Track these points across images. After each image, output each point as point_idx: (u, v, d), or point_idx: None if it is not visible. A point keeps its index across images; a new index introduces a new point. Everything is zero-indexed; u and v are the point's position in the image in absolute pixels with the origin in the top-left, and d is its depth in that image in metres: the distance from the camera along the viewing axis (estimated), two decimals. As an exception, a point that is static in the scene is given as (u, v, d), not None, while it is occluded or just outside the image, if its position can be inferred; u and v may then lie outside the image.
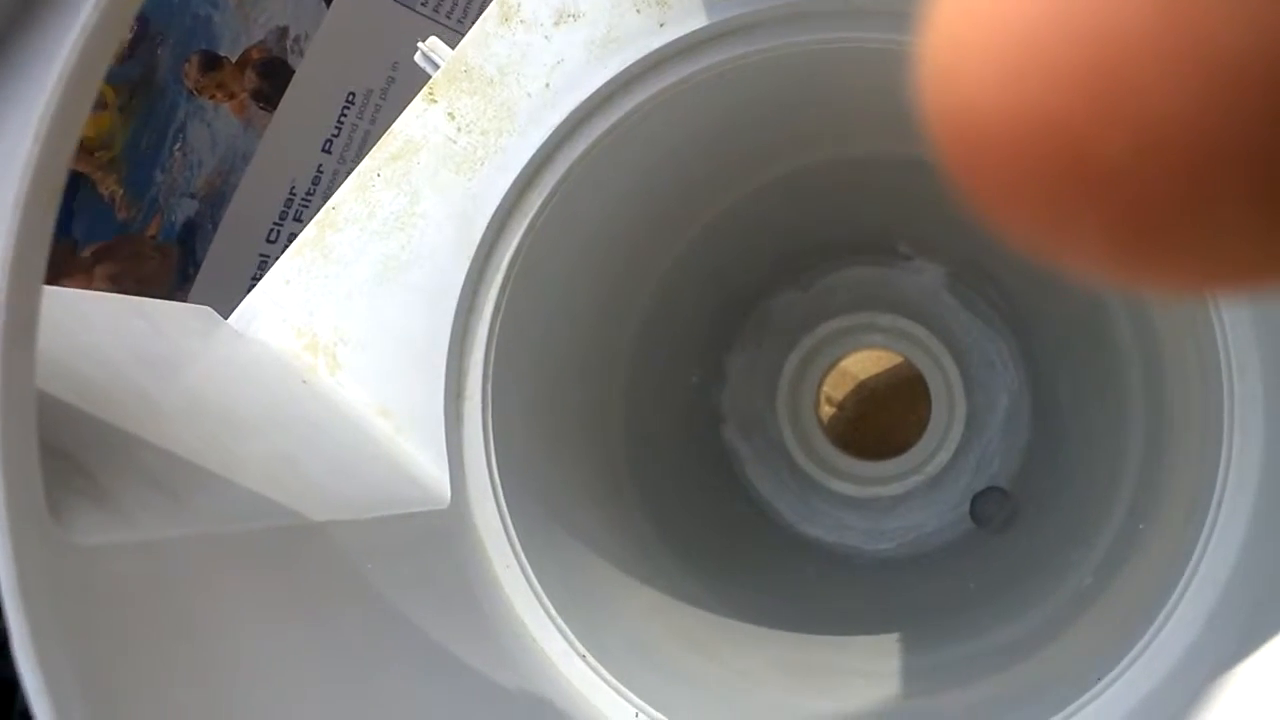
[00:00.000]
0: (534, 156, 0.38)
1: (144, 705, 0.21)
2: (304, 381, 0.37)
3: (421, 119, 0.39)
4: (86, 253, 0.76)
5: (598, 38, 0.38)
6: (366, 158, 0.39)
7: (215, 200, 0.83)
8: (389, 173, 0.39)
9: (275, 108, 0.84)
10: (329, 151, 0.87)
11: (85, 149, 0.74)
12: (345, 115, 0.87)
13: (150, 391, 0.29)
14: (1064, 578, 0.52)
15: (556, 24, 0.38)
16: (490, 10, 0.39)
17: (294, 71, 0.84)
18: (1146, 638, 0.34)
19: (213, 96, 0.80)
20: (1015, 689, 0.40)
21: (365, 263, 0.39)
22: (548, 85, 0.38)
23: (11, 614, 0.18)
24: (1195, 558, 0.33)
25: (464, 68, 0.38)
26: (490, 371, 0.40)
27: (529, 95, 0.38)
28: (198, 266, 0.84)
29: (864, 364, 0.93)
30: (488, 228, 0.38)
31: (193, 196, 0.82)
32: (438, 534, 0.36)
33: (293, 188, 0.87)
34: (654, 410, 0.72)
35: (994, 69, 0.07)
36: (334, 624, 0.29)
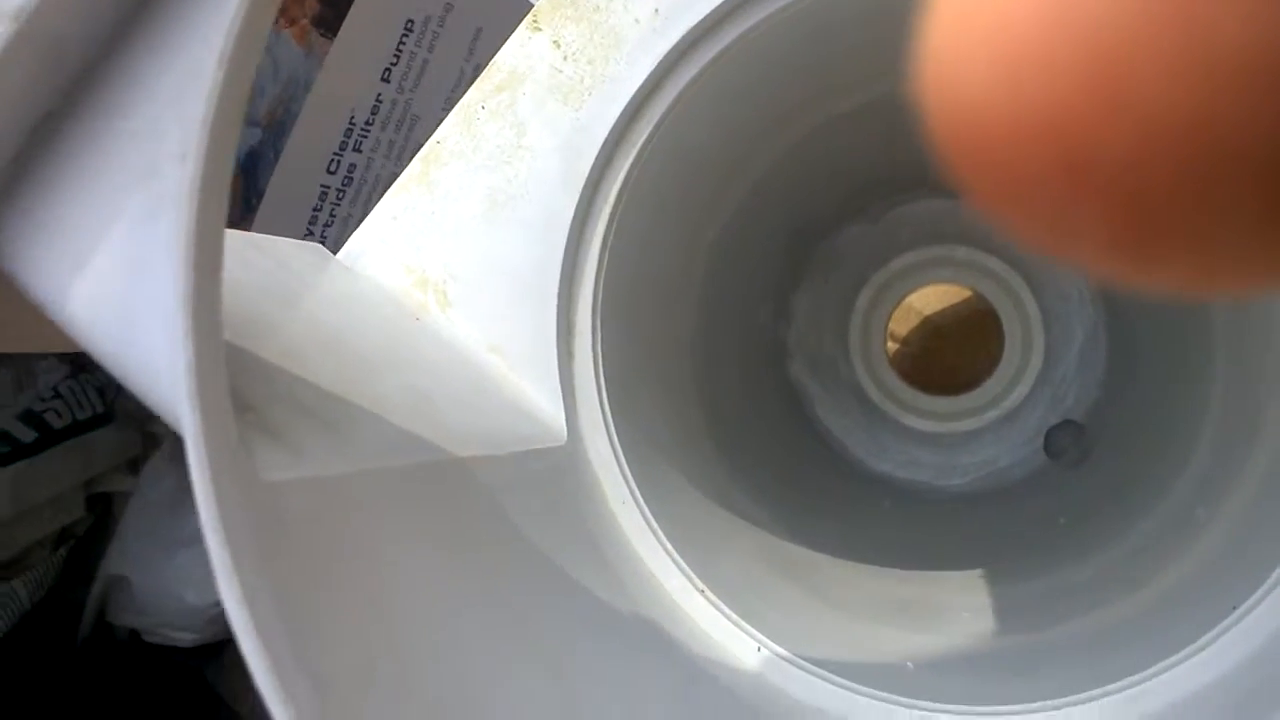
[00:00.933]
0: (642, 86, 0.37)
1: (332, 630, 0.21)
2: (416, 319, 0.37)
3: (525, 48, 0.38)
4: None
5: (709, -41, 0.36)
6: (471, 89, 0.38)
7: (277, 129, 0.83)
8: (494, 104, 0.38)
9: (336, 35, 0.83)
10: (388, 80, 0.86)
11: None
12: (404, 43, 0.85)
13: (287, 327, 0.29)
14: (1150, 510, 0.52)
15: (665, -54, 0.37)
16: (594, -67, 0.37)
17: None
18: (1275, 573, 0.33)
19: (275, 23, 0.79)
20: (1136, 620, 0.40)
21: (472, 198, 0.38)
22: (657, 11, 0.37)
23: (214, 548, 0.18)
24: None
25: (570, -7, 0.37)
26: (599, 306, 0.39)
27: (637, 21, 0.37)
28: (260, 196, 0.84)
29: (929, 300, 0.92)
30: (596, 159, 0.37)
31: (256, 125, 0.81)
32: (559, 469, 0.36)
33: (352, 118, 0.86)
34: (725, 346, 0.71)
35: (994, 67, 0.07)
36: (483, 555, 0.29)
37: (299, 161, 0.86)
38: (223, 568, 0.18)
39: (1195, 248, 0.07)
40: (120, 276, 0.18)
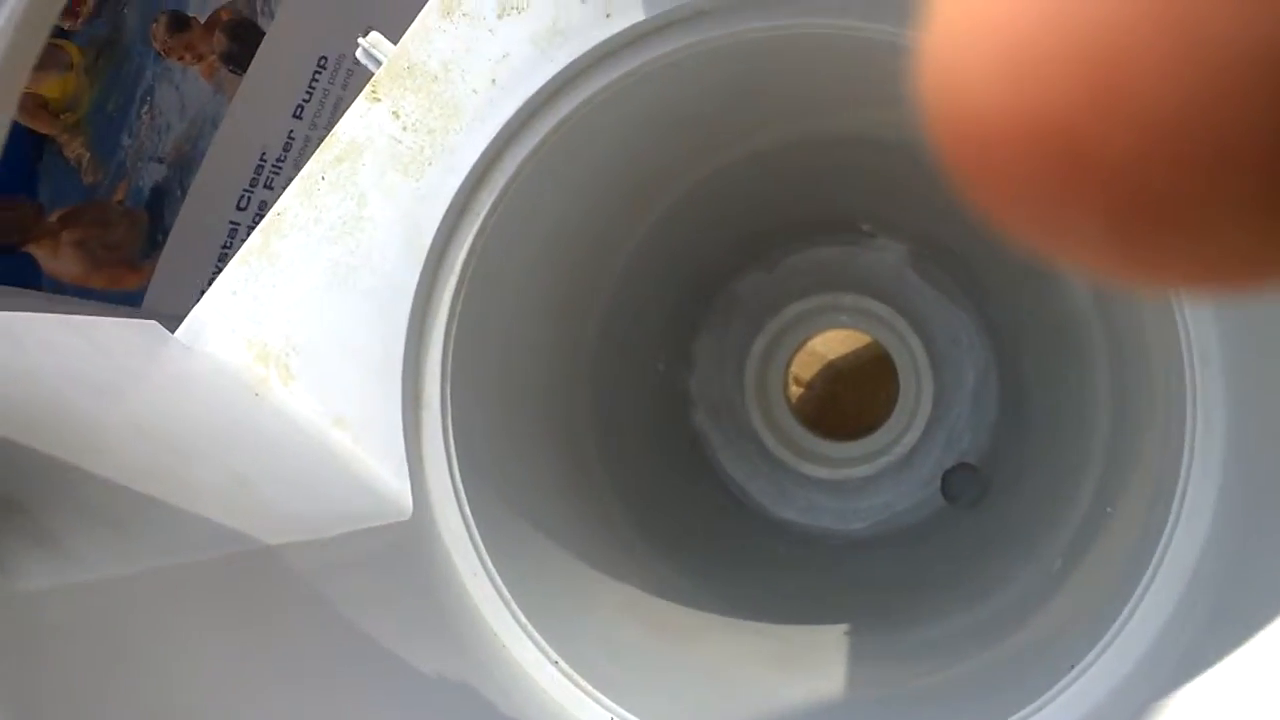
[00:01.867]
0: (482, 155, 0.37)
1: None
2: (256, 395, 0.36)
3: (365, 119, 0.38)
4: (53, 217, 0.74)
5: (543, 30, 0.37)
6: (310, 160, 0.38)
7: (184, 166, 0.82)
8: (334, 175, 0.38)
9: (245, 71, 0.82)
10: (300, 117, 0.85)
11: (51, 111, 0.72)
12: (317, 79, 0.85)
13: (93, 417, 0.28)
14: (1032, 559, 0.52)
15: (500, 16, 0.37)
16: (431, 3, 0.37)
17: (264, 34, 0.82)
18: (1118, 624, 0.33)
19: (181, 58, 0.78)
20: (989, 674, 0.40)
21: (314, 269, 0.38)
22: (494, 81, 0.37)
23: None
24: (1162, 545, 0.32)
25: (407, 64, 0.37)
26: (449, 375, 0.39)
27: (475, 92, 0.37)
28: (166, 233, 0.82)
29: (832, 344, 0.93)
30: (438, 230, 0.37)
31: (161, 161, 0.80)
32: (401, 546, 0.36)
33: (263, 154, 0.85)
34: (622, 400, 0.71)
35: (994, 68, 0.07)
36: (293, 648, 0.28)
37: (207, 198, 0.84)
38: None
39: (1195, 246, 0.07)
40: None
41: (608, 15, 0.37)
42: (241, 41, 0.82)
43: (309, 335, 0.37)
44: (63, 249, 0.76)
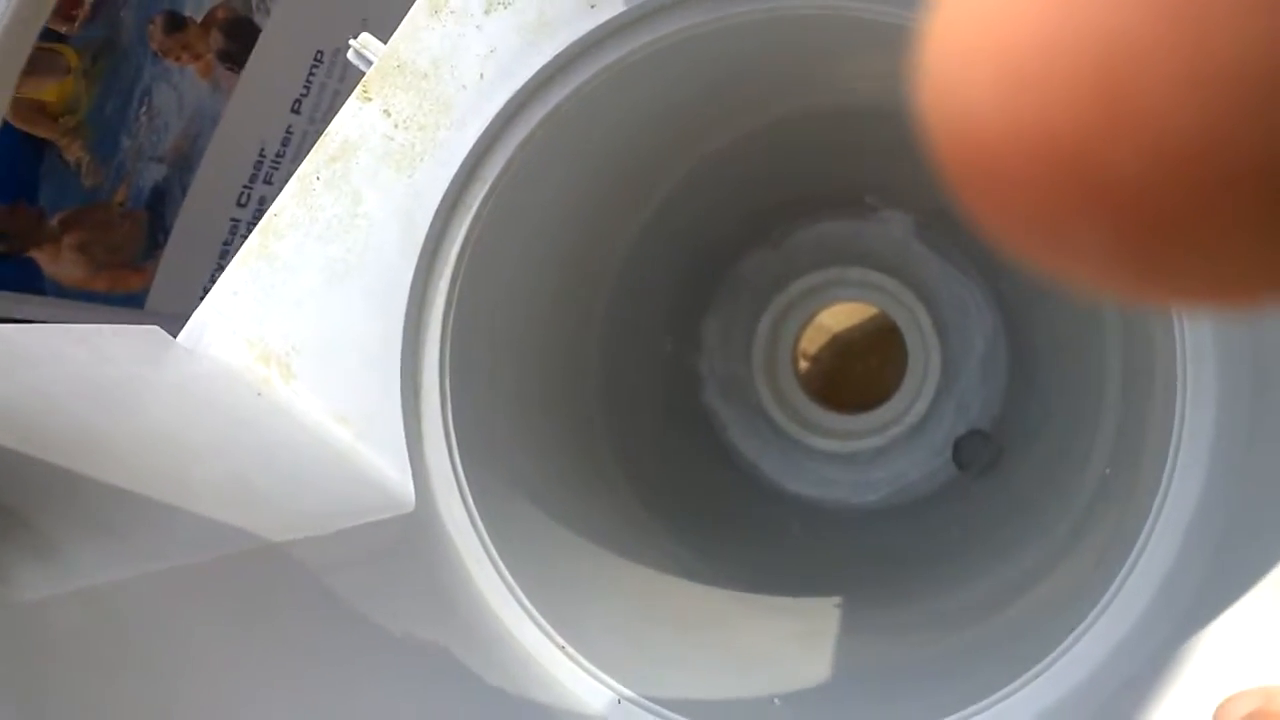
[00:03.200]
0: (473, 149, 0.37)
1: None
2: (258, 395, 0.37)
3: (357, 118, 0.38)
4: (54, 221, 0.75)
5: (529, 23, 0.37)
6: (305, 160, 0.38)
7: (183, 165, 0.82)
8: (328, 175, 0.38)
9: (242, 68, 0.82)
10: (298, 112, 0.86)
11: (49, 114, 0.73)
12: (314, 74, 0.85)
13: (94, 425, 0.29)
14: (1042, 525, 0.53)
15: (487, 12, 0.37)
16: (420, 2, 0.38)
17: (260, 31, 0.82)
18: (1115, 585, 0.34)
19: (178, 58, 0.79)
20: (994, 639, 0.40)
21: (311, 268, 0.38)
22: (482, 76, 0.37)
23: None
24: (1156, 505, 0.33)
25: (396, 63, 0.37)
26: (447, 367, 0.39)
27: (464, 87, 0.37)
28: (168, 233, 0.83)
29: (839, 318, 0.93)
30: (432, 224, 0.38)
31: (160, 161, 0.80)
32: (405, 538, 0.36)
33: (262, 149, 0.86)
34: (631, 382, 0.72)
35: (996, 85, 0.07)
36: (301, 644, 0.29)
37: (208, 196, 0.85)
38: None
39: (1202, 262, 0.07)
40: None
41: (592, 6, 0.37)
42: (238, 39, 0.83)
43: (309, 334, 0.38)
44: (64, 253, 0.77)
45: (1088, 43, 0.06)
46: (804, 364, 0.92)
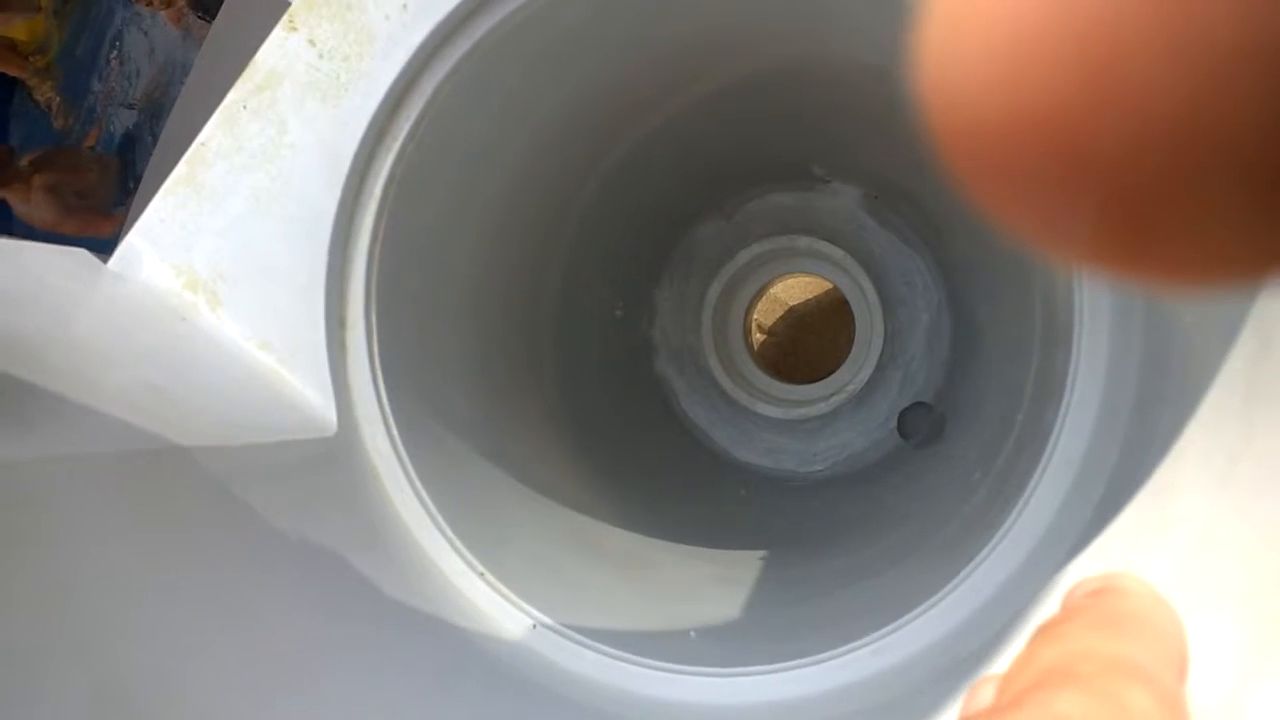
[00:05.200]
0: (397, 79, 0.38)
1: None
2: (183, 319, 0.38)
3: (283, 48, 0.38)
4: (24, 161, 0.75)
5: (455, -45, 0.37)
6: (231, 90, 0.39)
7: (155, 112, 0.82)
8: (255, 104, 0.38)
9: (214, 17, 0.82)
10: None
11: (20, 53, 0.73)
12: None
13: (13, 330, 0.29)
14: (969, 482, 0.54)
15: (413, -56, 0.38)
16: (348, -66, 0.38)
17: None
18: (1012, 515, 0.35)
19: (149, 4, 0.79)
20: (904, 578, 0.41)
21: (238, 197, 0.39)
22: (405, 6, 0.37)
23: None
24: (1051, 442, 0.34)
25: (322, -7, 0.38)
26: (374, 298, 0.40)
27: (387, 17, 0.38)
28: (138, 180, 0.83)
29: (794, 291, 0.94)
30: (356, 154, 0.38)
31: (131, 107, 0.80)
32: (323, 460, 0.37)
33: None
34: (584, 343, 0.72)
35: (990, 63, 0.07)
36: (203, 543, 0.29)
37: (179, 145, 0.85)
38: None
39: (1189, 240, 0.07)
40: None
41: (517, -60, 0.37)
42: (210, -14, 0.82)
43: (235, 262, 0.38)
44: (35, 194, 0.77)
45: (1077, 19, 0.07)
46: (760, 337, 0.93)
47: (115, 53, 0.76)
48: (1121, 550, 0.29)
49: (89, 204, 0.81)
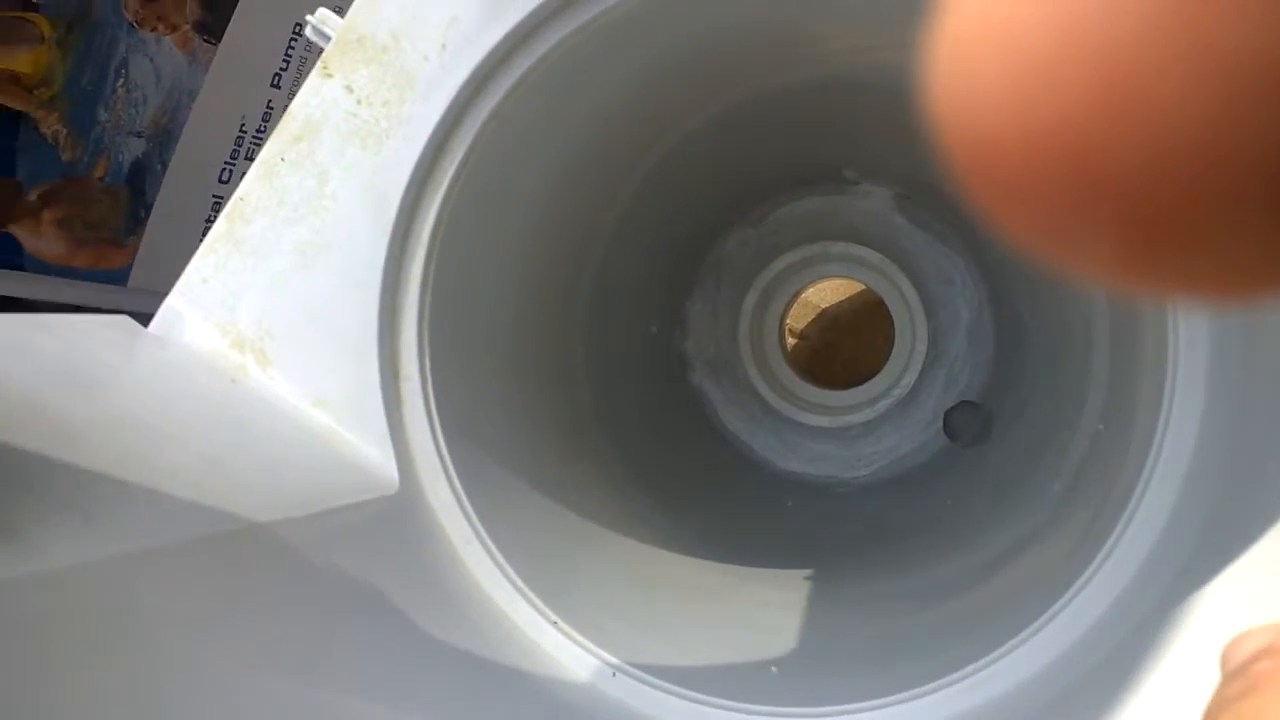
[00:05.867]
0: (440, 123, 0.37)
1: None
2: (233, 381, 0.36)
3: (319, 95, 0.37)
4: (33, 195, 0.74)
5: (490, -10, 0.36)
6: (268, 142, 0.38)
7: (163, 139, 0.81)
8: (293, 155, 0.37)
9: (220, 40, 0.81)
10: (278, 86, 0.84)
11: (24, 86, 0.72)
12: (293, 47, 0.84)
13: (60, 412, 0.28)
14: (1037, 489, 0.52)
15: (447, -20, 0.36)
16: (377, -27, 0.37)
17: (237, 1, 0.81)
18: (1112, 540, 0.33)
19: (154, 29, 0.78)
20: (994, 599, 0.40)
21: (281, 252, 0.37)
22: (444, 46, 0.36)
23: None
24: (1153, 456, 0.32)
25: (356, 37, 0.37)
26: (426, 347, 0.39)
27: (426, 59, 0.36)
28: (149, 209, 0.82)
29: (826, 294, 0.92)
30: (402, 202, 0.37)
31: (139, 135, 0.79)
32: (390, 519, 0.36)
33: (243, 125, 0.84)
34: (619, 363, 0.71)
35: (1003, 81, 0.07)
36: (283, 625, 0.28)
37: (189, 172, 0.84)
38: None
39: (1206, 257, 0.07)
40: None
41: (554, -30, 0.36)
42: (215, 10, 0.81)
43: (282, 318, 0.37)
44: (45, 228, 0.76)
45: (1092, 37, 0.06)
46: (793, 341, 0.91)
47: (121, 81, 0.75)
48: (1243, 583, 0.28)
49: (100, 235, 0.80)
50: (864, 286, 0.84)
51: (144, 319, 0.38)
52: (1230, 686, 0.17)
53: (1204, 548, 0.32)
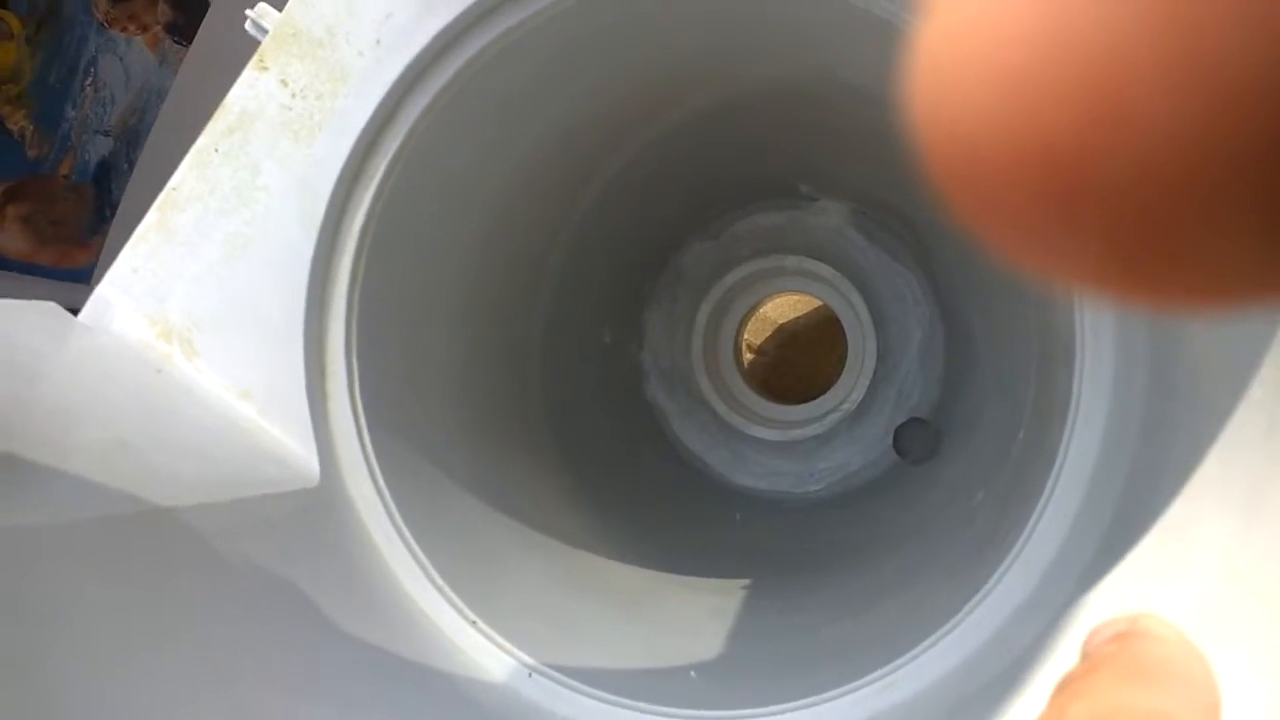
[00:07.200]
0: (372, 118, 0.37)
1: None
2: (158, 371, 0.36)
3: (254, 88, 0.37)
4: None
5: (426, -12, 0.36)
6: (202, 134, 0.38)
7: (131, 139, 0.81)
8: (226, 146, 0.37)
9: (190, 42, 0.81)
10: None
11: None
12: None
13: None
14: (972, 498, 0.53)
15: (384, -22, 0.37)
16: (317, -31, 0.37)
17: (209, 3, 0.81)
18: (1016, 548, 0.34)
19: (124, 29, 0.78)
20: (909, 607, 0.40)
21: (211, 243, 0.38)
22: (378, 41, 0.37)
23: None
24: (1056, 465, 0.33)
25: (292, 31, 0.37)
26: (354, 344, 0.39)
27: (360, 54, 0.37)
28: (114, 208, 0.82)
29: (783, 309, 0.93)
30: (333, 195, 0.37)
31: (107, 134, 0.79)
32: (309, 513, 0.36)
33: None
34: (573, 374, 0.71)
35: (987, 91, 0.07)
36: (186, 606, 0.28)
37: (156, 172, 0.83)
38: None
39: (1192, 266, 0.07)
40: None
41: (490, -30, 0.36)
42: (186, 11, 0.82)
43: (210, 309, 0.37)
44: (8, 224, 0.75)
45: (1078, 48, 0.06)
46: (751, 357, 0.92)
47: (90, 79, 0.75)
48: (1138, 585, 0.28)
49: (64, 233, 0.80)
50: (821, 302, 0.85)
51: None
52: (1076, 667, 0.18)
53: (1104, 552, 0.32)
